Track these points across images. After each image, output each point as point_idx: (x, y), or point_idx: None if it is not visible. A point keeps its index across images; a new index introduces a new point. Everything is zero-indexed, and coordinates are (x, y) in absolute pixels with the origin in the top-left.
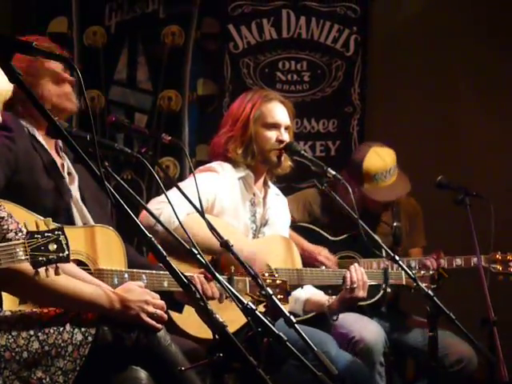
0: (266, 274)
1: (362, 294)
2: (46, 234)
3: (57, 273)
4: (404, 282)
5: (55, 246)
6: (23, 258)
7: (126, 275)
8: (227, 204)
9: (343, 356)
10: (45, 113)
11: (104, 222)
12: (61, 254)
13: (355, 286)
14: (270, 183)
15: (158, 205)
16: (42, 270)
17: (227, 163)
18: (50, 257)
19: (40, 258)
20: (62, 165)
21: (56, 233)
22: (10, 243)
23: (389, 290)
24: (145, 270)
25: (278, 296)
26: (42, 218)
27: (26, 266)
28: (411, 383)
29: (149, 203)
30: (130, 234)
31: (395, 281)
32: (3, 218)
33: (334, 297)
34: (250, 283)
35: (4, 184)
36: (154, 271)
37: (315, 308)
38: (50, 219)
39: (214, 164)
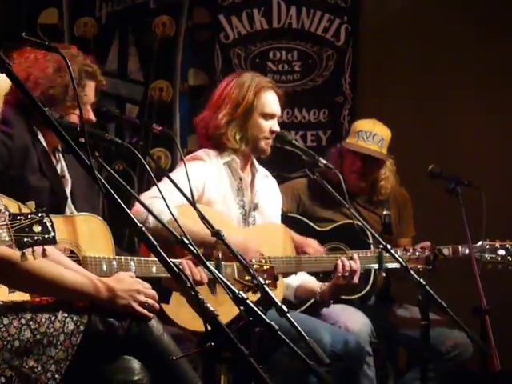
0: (254, 260)
1: (355, 279)
2: (29, 216)
3: (44, 254)
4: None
5: (40, 228)
6: (7, 238)
7: (115, 262)
8: (216, 192)
9: (339, 337)
10: (34, 103)
11: None
12: (46, 236)
13: (347, 274)
14: (257, 166)
15: (148, 200)
16: (28, 252)
17: (214, 150)
18: (36, 238)
19: (25, 239)
20: (56, 167)
21: (40, 214)
22: None
23: (383, 274)
24: (133, 257)
25: (266, 281)
26: None
27: (13, 253)
28: (404, 372)
29: (142, 196)
30: (121, 226)
31: (391, 264)
32: None
33: (326, 283)
34: (238, 269)
35: None
36: (142, 258)
37: (307, 294)
38: (33, 202)
39: (200, 152)
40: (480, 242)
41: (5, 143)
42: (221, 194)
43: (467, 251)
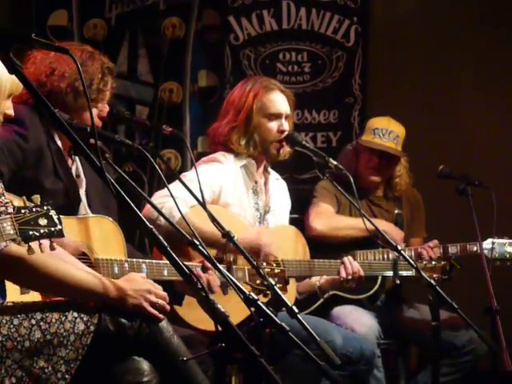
0: (265, 264)
1: (354, 285)
2: (34, 209)
3: (52, 248)
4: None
5: (46, 221)
6: (12, 232)
7: (126, 264)
8: (232, 194)
9: (351, 340)
10: (44, 104)
11: None
12: (52, 229)
13: (350, 278)
14: (269, 169)
15: (160, 199)
16: (35, 245)
17: (230, 153)
18: (42, 231)
19: (30, 232)
20: (72, 167)
21: (45, 208)
22: None
23: (398, 281)
24: (144, 259)
25: (277, 285)
26: None
27: (22, 250)
28: (415, 371)
29: (152, 197)
30: (133, 228)
31: (406, 272)
32: None
33: (324, 277)
34: (249, 272)
35: (8, 178)
36: (153, 260)
37: (306, 288)
38: (38, 196)
39: (218, 154)
40: (489, 239)
41: (19, 145)
42: (237, 197)
43: (475, 248)
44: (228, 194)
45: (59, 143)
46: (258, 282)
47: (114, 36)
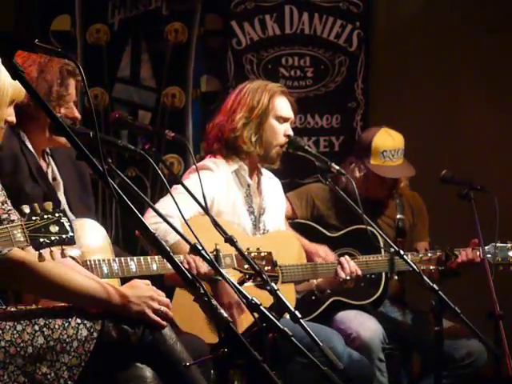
0: (250, 248)
1: (352, 285)
2: (45, 216)
3: (63, 255)
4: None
5: (57, 228)
6: (22, 239)
7: (115, 264)
8: (225, 201)
9: (348, 352)
10: (48, 110)
11: None
12: (64, 236)
13: (348, 278)
14: (262, 170)
15: (153, 219)
16: (45, 252)
17: (220, 158)
18: (52, 238)
19: (41, 240)
20: (47, 171)
21: (57, 215)
22: (7, 226)
23: (395, 277)
24: (132, 257)
25: (266, 267)
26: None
27: (26, 255)
28: (417, 378)
29: (146, 216)
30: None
31: (403, 267)
32: None
33: None
34: (237, 258)
35: None
36: (141, 257)
37: (303, 287)
38: (50, 203)
39: (208, 162)
40: (491, 244)
41: None
42: (230, 203)
43: (478, 253)
44: (220, 201)
45: (30, 147)
46: (246, 266)
47: (116, 41)
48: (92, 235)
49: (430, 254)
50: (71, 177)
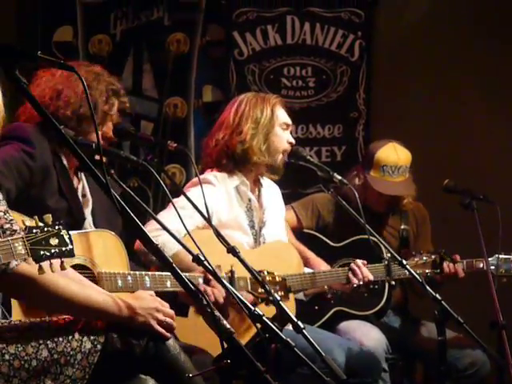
0: (266, 272)
1: (364, 290)
2: (45, 229)
3: (62, 267)
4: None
5: (57, 241)
6: (23, 252)
7: (130, 277)
8: (226, 216)
9: (352, 352)
10: (49, 121)
11: None
12: (63, 248)
13: (361, 283)
14: (261, 180)
15: (154, 232)
16: (45, 265)
17: (221, 173)
18: (52, 251)
19: (41, 252)
20: (78, 187)
21: (57, 227)
22: (8, 239)
23: (393, 282)
24: (147, 272)
25: (279, 293)
26: None
27: (32, 270)
28: None
29: (146, 226)
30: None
31: (399, 275)
32: None
33: None
34: (251, 281)
35: (15, 196)
36: (156, 272)
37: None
38: (50, 215)
39: (209, 176)
40: (495, 256)
41: (26, 163)
42: (232, 218)
43: (481, 265)
44: (221, 215)
45: (65, 162)
46: (259, 290)
47: (118, 51)
48: (108, 246)
49: (425, 258)
50: (101, 196)
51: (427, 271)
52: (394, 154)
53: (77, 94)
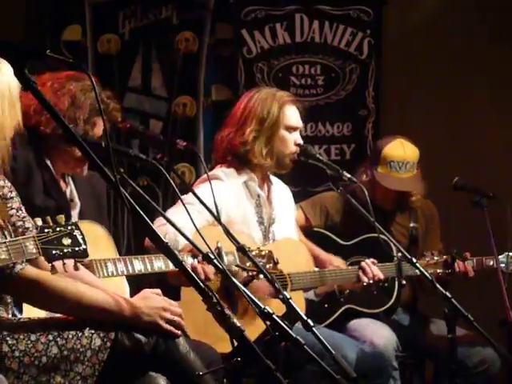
0: (251, 247)
1: (373, 288)
2: (57, 229)
3: (76, 268)
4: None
5: (69, 240)
6: (34, 251)
7: (120, 262)
8: (235, 212)
9: (363, 353)
10: (59, 120)
11: None
12: (77, 248)
13: (372, 282)
14: (271, 177)
15: (161, 228)
16: (58, 264)
17: (230, 168)
18: (65, 250)
19: (53, 252)
20: (65, 191)
21: (69, 227)
22: (19, 238)
23: (404, 282)
24: (137, 256)
25: (267, 265)
26: None
27: (39, 272)
28: None
29: (154, 222)
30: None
31: (411, 273)
32: (12, 198)
33: None
34: (239, 256)
35: None
36: (145, 255)
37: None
38: (63, 216)
39: (218, 171)
40: (504, 253)
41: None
42: (240, 214)
43: (491, 263)
44: (230, 212)
45: (51, 167)
46: (248, 264)
47: (127, 51)
48: (95, 234)
49: (436, 258)
50: (88, 200)
51: (438, 271)
52: (401, 149)
53: (61, 111)
